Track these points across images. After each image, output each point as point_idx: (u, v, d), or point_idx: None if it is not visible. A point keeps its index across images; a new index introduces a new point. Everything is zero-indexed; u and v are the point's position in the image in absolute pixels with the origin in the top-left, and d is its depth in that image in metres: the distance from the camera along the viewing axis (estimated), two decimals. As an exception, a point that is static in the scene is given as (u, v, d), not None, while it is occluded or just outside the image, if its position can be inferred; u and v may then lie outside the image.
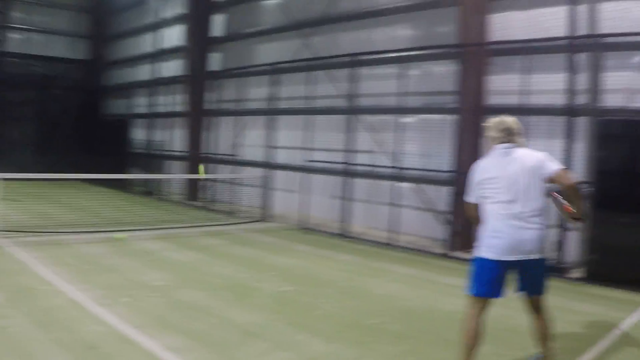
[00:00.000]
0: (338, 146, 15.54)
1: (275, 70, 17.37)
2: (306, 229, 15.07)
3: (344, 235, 14.14)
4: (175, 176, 22.06)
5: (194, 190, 20.57)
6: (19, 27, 29.34)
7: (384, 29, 15.16)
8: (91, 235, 12.93)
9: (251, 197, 17.79)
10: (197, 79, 20.84)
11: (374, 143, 14.65)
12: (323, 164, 15.81)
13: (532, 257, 5.42)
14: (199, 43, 20.93)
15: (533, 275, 5.56)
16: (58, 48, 29.95)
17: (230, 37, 20.72)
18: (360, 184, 14.87)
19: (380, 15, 15.15)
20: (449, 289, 8.40)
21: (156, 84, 24.42)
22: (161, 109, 23.89)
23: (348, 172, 14.58)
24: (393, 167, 13.93)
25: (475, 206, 5.78)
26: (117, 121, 27.27)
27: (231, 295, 8.33)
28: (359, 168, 14.64)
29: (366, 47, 15.08)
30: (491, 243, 5.47)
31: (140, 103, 26.49)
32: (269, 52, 18.69)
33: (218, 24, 21.25)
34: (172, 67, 23.81)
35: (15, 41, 29.18)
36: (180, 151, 21.79)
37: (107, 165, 22.39)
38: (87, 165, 21.71)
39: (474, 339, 5.45)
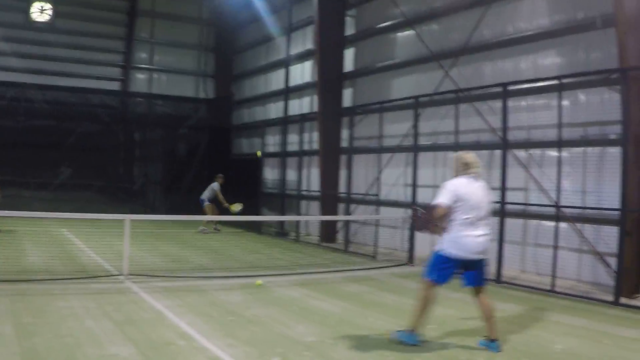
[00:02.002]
0: (487, 183, 15.02)
1: (416, 104, 17.13)
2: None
3: (497, 281, 13.50)
4: (311, 217, 22.09)
5: (331, 231, 20.49)
6: (144, 67, 30.98)
7: (531, 56, 14.71)
8: (226, 281, 12.92)
9: (392, 239, 17.50)
10: (330, 116, 20.95)
11: (527, 179, 14.15)
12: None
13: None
14: (330, 79, 21.07)
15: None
16: (183, 87, 31.56)
17: (363, 72, 20.86)
18: (511, 223, 14.26)
19: (526, 42, 14.74)
20: (632, 344, 7.60)
21: (287, 122, 24.63)
22: (294, 147, 23.99)
23: (499, 211, 13.95)
24: (548, 205, 13.32)
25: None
26: (248, 160, 27.64)
27: (395, 357, 7.70)
28: (510, 206, 14.04)
29: (512, 77, 14.67)
30: None
31: (271, 141, 26.97)
32: (406, 85, 18.65)
33: (349, 59, 21.37)
34: (304, 104, 24.14)
35: (140, 81, 30.97)
36: (316, 191, 21.73)
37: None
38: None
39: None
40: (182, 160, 30.65)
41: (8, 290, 10.68)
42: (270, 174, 26.51)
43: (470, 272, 8.06)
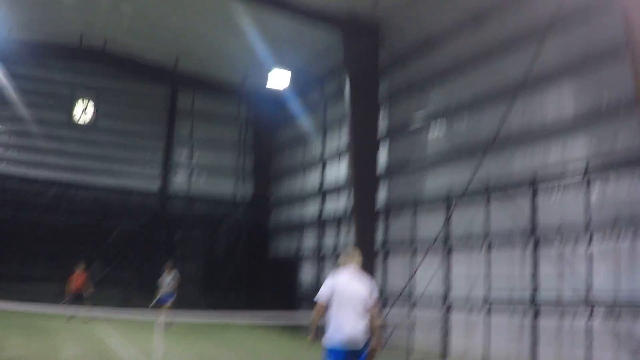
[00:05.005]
0: (520, 282, 14.75)
1: (448, 200, 17.28)
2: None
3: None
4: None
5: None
6: (183, 167, 31.85)
7: (560, 146, 14.57)
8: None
9: (427, 340, 17.21)
10: (364, 216, 20.85)
11: (561, 277, 13.73)
12: (504, 303, 15.07)
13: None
14: (365, 179, 21.20)
15: None
16: (222, 187, 31.91)
17: (396, 170, 20.97)
18: (547, 323, 13.82)
19: (554, 132, 14.67)
20: None
21: (323, 223, 24.65)
22: (330, 248, 23.92)
23: (533, 311, 13.73)
24: (585, 302, 12.96)
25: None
26: (286, 261, 27.64)
27: None
28: (545, 306, 13.78)
29: (541, 169, 14.68)
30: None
31: (308, 242, 26.88)
32: (438, 182, 18.64)
33: (383, 158, 21.57)
34: (340, 204, 24.11)
35: (180, 181, 31.55)
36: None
37: (276, 307, 22.52)
38: (253, 306, 21.94)
39: None
40: (220, 259, 30.84)
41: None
42: (308, 275, 26.34)
43: None
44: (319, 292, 8.44)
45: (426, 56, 19.51)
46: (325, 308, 8.34)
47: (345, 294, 8.33)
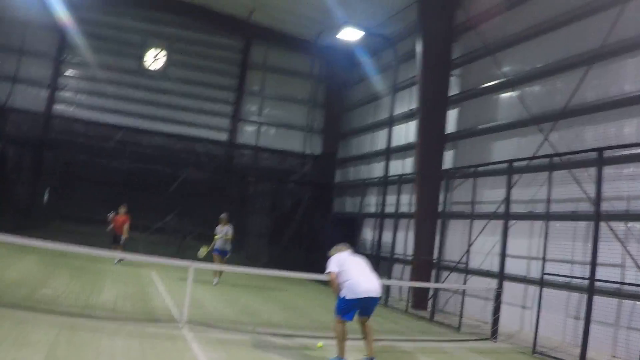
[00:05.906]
0: (580, 257, 13.98)
1: (510, 169, 16.48)
2: (538, 353, 13.44)
3: (581, 363, 12.38)
4: (401, 282, 21.28)
5: (421, 298, 19.65)
6: (252, 120, 31.40)
7: (636, 120, 13.54)
8: (288, 340, 12.18)
9: (482, 311, 16.56)
10: (429, 178, 20.38)
11: (624, 255, 12.91)
12: (561, 278, 14.18)
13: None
14: (432, 140, 20.55)
15: None
16: (290, 142, 31.86)
17: (465, 133, 20.29)
18: (604, 302, 13.03)
19: (631, 105, 13.60)
20: None
21: (387, 183, 24.14)
22: (392, 209, 23.49)
23: (590, 289, 12.87)
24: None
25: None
26: (348, 219, 27.28)
27: None
28: (605, 284, 12.88)
29: (615, 142, 13.62)
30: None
31: (371, 201, 26.54)
32: (505, 149, 17.92)
33: (452, 119, 20.85)
34: (406, 165, 23.86)
35: (248, 133, 31.62)
36: (409, 255, 21.10)
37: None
38: (313, 262, 21.68)
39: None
40: (284, 214, 30.63)
41: (63, 323, 10.56)
42: (369, 234, 26.01)
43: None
44: (328, 267, 10.45)
45: (501, 19, 18.62)
46: (337, 277, 10.38)
47: (353, 261, 10.64)
